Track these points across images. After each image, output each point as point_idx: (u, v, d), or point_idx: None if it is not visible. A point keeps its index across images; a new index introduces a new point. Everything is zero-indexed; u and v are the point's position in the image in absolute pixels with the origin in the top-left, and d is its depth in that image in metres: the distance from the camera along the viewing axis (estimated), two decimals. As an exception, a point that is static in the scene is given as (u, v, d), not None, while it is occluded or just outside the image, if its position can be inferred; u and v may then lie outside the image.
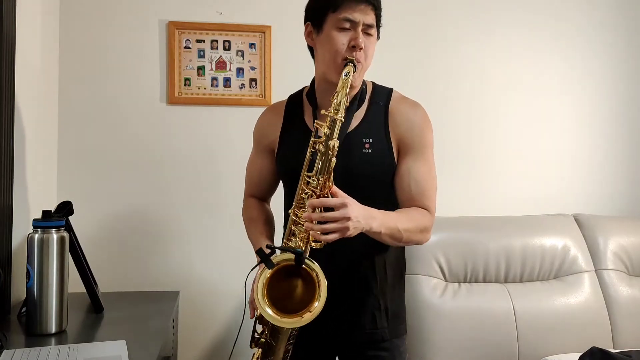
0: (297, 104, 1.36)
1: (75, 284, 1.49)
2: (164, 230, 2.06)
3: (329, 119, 1.14)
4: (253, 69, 2.10)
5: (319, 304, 1.07)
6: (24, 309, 1.39)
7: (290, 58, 2.11)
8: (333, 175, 1.14)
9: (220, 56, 2.08)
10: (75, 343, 1.22)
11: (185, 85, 2.06)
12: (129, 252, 2.03)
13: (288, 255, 1.10)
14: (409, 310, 1.43)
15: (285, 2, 2.12)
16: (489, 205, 2.27)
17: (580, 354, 1.69)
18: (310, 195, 1.14)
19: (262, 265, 1.10)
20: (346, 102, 1.15)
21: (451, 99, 2.27)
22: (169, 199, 2.06)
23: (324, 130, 1.13)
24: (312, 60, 1.34)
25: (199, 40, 2.07)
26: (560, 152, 2.38)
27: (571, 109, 2.39)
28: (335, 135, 1.13)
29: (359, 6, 1.19)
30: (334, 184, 1.14)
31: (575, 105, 2.39)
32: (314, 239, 1.10)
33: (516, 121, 2.34)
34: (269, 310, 1.08)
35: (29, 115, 1.67)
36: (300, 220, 1.13)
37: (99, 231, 2.00)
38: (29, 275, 1.28)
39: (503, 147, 2.32)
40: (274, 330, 1.19)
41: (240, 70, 2.09)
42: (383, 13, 1.27)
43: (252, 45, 2.10)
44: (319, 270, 1.09)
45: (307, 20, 1.29)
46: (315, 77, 1.33)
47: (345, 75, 1.16)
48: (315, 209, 1.09)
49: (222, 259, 2.08)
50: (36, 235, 1.28)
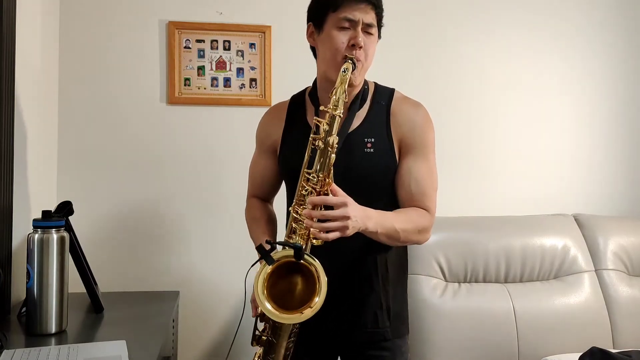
0: (300, 104, 1.37)
1: (75, 284, 1.49)
2: (164, 230, 2.06)
3: (328, 115, 1.14)
4: (253, 69, 2.10)
5: (319, 299, 1.07)
6: (24, 309, 1.39)
7: (290, 58, 2.11)
8: (333, 173, 1.14)
9: (220, 56, 2.08)
10: (75, 343, 1.22)
11: (185, 85, 2.06)
12: (129, 252, 2.03)
13: (288, 252, 1.10)
14: (409, 310, 1.43)
15: (285, 2, 2.12)
16: (489, 205, 2.27)
17: (580, 354, 1.69)
18: (310, 192, 1.14)
19: (263, 261, 1.10)
20: (345, 98, 1.15)
21: (451, 99, 2.27)
22: (169, 199, 2.06)
23: (323, 127, 1.13)
24: (312, 60, 1.34)
25: (199, 40, 2.07)
26: (560, 152, 2.38)
27: (571, 109, 2.39)
28: (334, 132, 1.13)
29: (358, 5, 1.20)
30: (336, 183, 1.14)
31: (575, 105, 2.39)
32: (314, 236, 1.10)
33: (516, 121, 2.34)
34: (269, 306, 1.08)
35: (29, 115, 1.67)
36: (301, 218, 1.14)
37: (99, 231, 2.00)
38: (29, 275, 1.28)
39: (503, 147, 2.32)
40: (275, 328, 1.19)
41: (240, 70, 2.09)
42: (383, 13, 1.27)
43: (252, 45, 2.10)
44: (319, 265, 1.09)
45: (309, 21, 1.30)
46: (317, 77, 1.34)
47: (344, 72, 1.16)
48: (315, 207, 1.09)
49: (222, 258, 2.08)
50: (36, 235, 1.28)
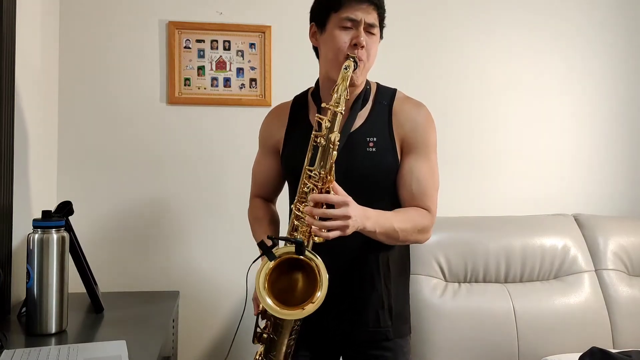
0: (302, 104, 1.37)
1: (75, 284, 1.49)
2: (164, 230, 2.06)
3: (329, 112, 1.15)
4: (253, 69, 2.10)
5: (321, 294, 1.07)
6: (24, 309, 1.39)
7: (290, 58, 2.11)
8: (335, 172, 1.14)
9: (220, 56, 2.08)
10: (75, 343, 1.22)
11: (185, 85, 2.06)
12: (129, 252, 2.03)
13: (290, 248, 1.10)
14: (409, 310, 1.43)
15: (285, 2, 2.12)
16: (489, 205, 2.27)
17: (580, 354, 1.69)
18: (312, 190, 1.14)
19: (264, 257, 1.10)
20: (347, 96, 1.16)
21: (451, 99, 2.27)
22: (168, 199, 2.06)
23: (325, 124, 1.14)
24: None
25: (199, 40, 2.07)
26: (561, 152, 2.38)
27: (571, 109, 2.39)
28: (336, 129, 1.14)
29: (361, 5, 1.20)
30: (338, 182, 1.14)
31: (576, 105, 2.39)
32: (315, 234, 1.10)
33: (516, 121, 2.34)
34: (270, 301, 1.08)
35: (29, 115, 1.67)
36: (302, 215, 1.14)
37: (99, 231, 2.00)
38: (29, 275, 1.28)
39: (503, 147, 2.32)
40: (276, 325, 1.19)
41: (240, 70, 2.09)
42: None
43: (252, 45, 2.10)
44: (320, 261, 1.09)
45: (312, 21, 1.31)
46: (319, 77, 1.34)
47: (345, 69, 1.16)
48: (317, 204, 1.10)
49: (222, 258, 2.08)
50: (36, 235, 1.28)
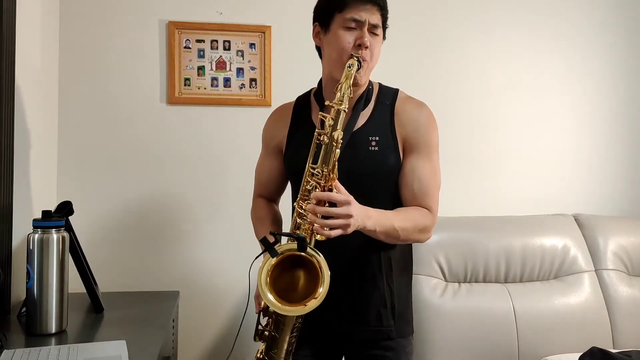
0: (305, 105, 1.38)
1: (75, 284, 1.49)
2: (164, 230, 2.06)
3: (333, 110, 1.15)
4: (253, 69, 2.10)
5: (323, 290, 1.08)
6: (24, 309, 1.39)
7: (290, 58, 2.11)
8: (338, 171, 1.14)
9: (220, 56, 2.08)
10: (75, 343, 1.22)
11: (185, 85, 2.06)
12: (129, 252, 2.03)
13: (292, 245, 1.10)
14: (409, 310, 1.43)
15: (285, 2, 2.12)
16: (489, 205, 2.27)
17: (580, 354, 1.69)
18: (315, 187, 1.15)
19: (266, 254, 1.10)
20: (350, 94, 1.17)
21: (451, 99, 2.27)
22: (168, 199, 2.06)
23: (328, 122, 1.14)
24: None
25: (199, 40, 2.07)
26: (561, 152, 2.38)
27: (571, 109, 2.39)
28: (339, 126, 1.14)
29: (365, 6, 1.21)
30: (341, 181, 1.14)
31: (576, 105, 2.39)
32: (317, 232, 1.10)
33: (516, 121, 2.34)
34: (271, 297, 1.08)
35: (29, 115, 1.67)
36: (305, 213, 1.14)
37: (99, 231, 2.00)
38: (29, 275, 1.28)
39: (503, 147, 2.32)
40: (278, 322, 1.20)
41: (240, 70, 2.09)
42: None
43: (252, 45, 2.10)
44: (322, 258, 1.10)
45: (315, 21, 1.31)
46: (322, 77, 1.35)
47: (349, 67, 1.17)
48: (319, 202, 1.10)
49: (222, 258, 2.08)
50: (36, 235, 1.28)
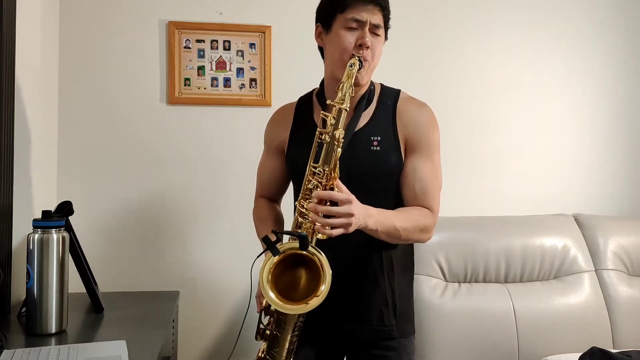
0: (307, 105, 1.38)
1: (75, 284, 1.49)
2: (164, 230, 2.06)
3: (334, 109, 1.15)
4: (253, 69, 2.10)
5: (325, 287, 1.08)
6: (24, 309, 1.39)
7: (290, 58, 2.11)
8: (339, 170, 1.15)
9: (220, 56, 2.08)
10: (75, 343, 1.22)
11: (185, 85, 2.06)
12: (129, 252, 2.03)
13: (294, 244, 1.11)
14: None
15: (285, 2, 2.12)
16: (489, 205, 2.27)
17: (580, 354, 1.69)
18: (316, 186, 1.15)
19: (268, 252, 1.11)
20: (351, 93, 1.17)
21: (451, 99, 2.26)
22: (168, 199, 2.06)
23: (330, 121, 1.15)
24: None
25: (199, 40, 2.07)
26: (561, 152, 2.38)
27: (571, 109, 2.39)
28: (340, 125, 1.14)
29: (366, 7, 1.21)
30: (343, 181, 1.15)
31: (576, 105, 2.39)
32: (318, 231, 1.10)
33: (516, 121, 2.34)
34: (273, 295, 1.08)
35: (29, 115, 1.67)
36: (306, 212, 1.14)
37: (99, 231, 2.00)
38: (29, 275, 1.28)
39: (503, 147, 2.32)
40: (279, 321, 1.20)
41: (240, 70, 2.09)
42: None
43: (252, 45, 2.10)
44: (323, 257, 1.10)
45: (317, 22, 1.32)
46: (324, 77, 1.35)
47: (350, 66, 1.18)
48: (321, 201, 1.10)
49: (222, 258, 2.08)
50: (36, 235, 1.28)
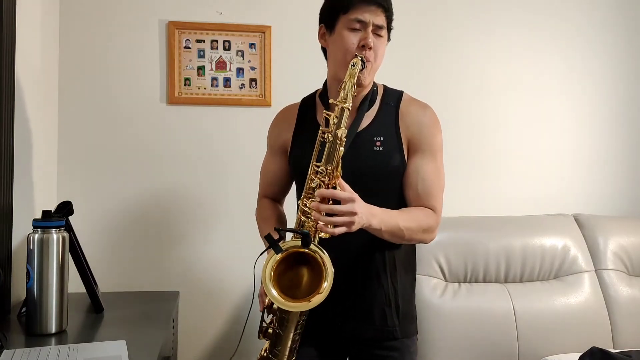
0: (310, 106, 1.39)
1: (75, 284, 1.49)
2: (164, 230, 2.06)
3: (337, 108, 1.16)
4: (253, 69, 2.10)
5: (327, 284, 1.08)
6: (24, 309, 1.39)
7: (290, 58, 2.11)
8: (343, 171, 1.15)
9: (220, 56, 2.08)
10: (75, 343, 1.22)
11: (185, 85, 2.06)
12: (129, 252, 2.03)
13: (296, 242, 1.11)
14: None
15: (285, 2, 2.12)
16: (489, 205, 2.27)
17: (580, 354, 1.69)
18: (319, 185, 1.15)
19: (271, 250, 1.11)
20: (354, 92, 1.17)
21: (451, 99, 2.26)
22: (168, 199, 2.06)
23: (332, 120, 1.15)
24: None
25: (199, 40, 2.07)
26: (561, 152, 2.38)
27: (571, 109, 2.39)
28: (343, 124, 1.15)
29: (369, 7, 1.22)
30: (346, 181, 1.15)
31: (576, 105, 2.39)
32: (321, 230, 1.10)
33: (516, 121, 2.34)
34: (275, 293, 1.09)
35: (29, 115, 1.67)
36: (309, 211, 1.15)
37: (99, 231, 2.00)
38: (29, 275, 1.28)
39: (503, 147, 2.32)
40: (282, 319, 1.20)
41: (240, 70, 2.09)
42: None
43: (252, 45, 2.10)
44: (325, 255, 1.10)
45: (321, 22, 1.32)
46: (327, 78, 1.36)
47: (353, 66, 1.18)
48: (323, 200, 1.10)
49: (222, 258, 2.08)
50: (36, 235, 1.28)
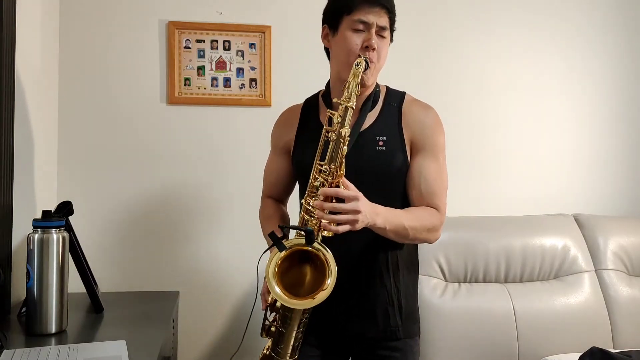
0: (313, 106, 1.39)
1: (75, 284, 1.49)
2: (164, 230, 2.06)
3: (341, 107, 1.16)
4: (253, 69, 2.10)
5: (331, 281, 1.08)
6: (24, 309, 1.39)
7: (290, 58, 2.11)
8: (345, 167, 1.15)
9: (220, 56, 2.08)
10: (75, 343, 1.22)
11: (185, 85, 2.06)
12: (129, 252, 2.03)
13: (300, 240, 1.11)
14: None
15: (285, 2, 2.12)
16: (489, 205, 2.27)
17: (580, 354, 1.69)
18: (322, 184, 1.16)
19: (274, 248, 1.11)
20: (357, 92, 1.18)
21: (451, 99, 2.26)
22: (168, 199, 2.06)
23: (336, 119, 1.15)
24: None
25: (199, 40, 2.07)
26: (561, 152, 2.38)
27: (571, 109, 2.39)
28: (346, 123, 1.15)
29: (373, 9, 1.22)
30: (349, 180, 1.15)
31: (575, 105, 2.39)
32: (324, 228, 1.11)
33: (516, 121, 2.34)
34: (279, 290, 1.09)
35: (29, 115, 1.67)
36: (312, 209, 1.15)
37: (99, 231, 2.00)
38: (29, 275, 1.28)
39: (503, 147, 2.32)
40: (285, 317, 1.20)
41: (240, 70, 2.09)
42: None
43: (252, 45, 2.10)
44: (329, 253, 1.11)
45: (324, 23, 1.33)
46: (330, 79, 1.36)
47: (357, 65, 1.19)
48: (327, 198, 1.11)
49: (222, 258, 2.08)
50: (36, 235, 1.28)
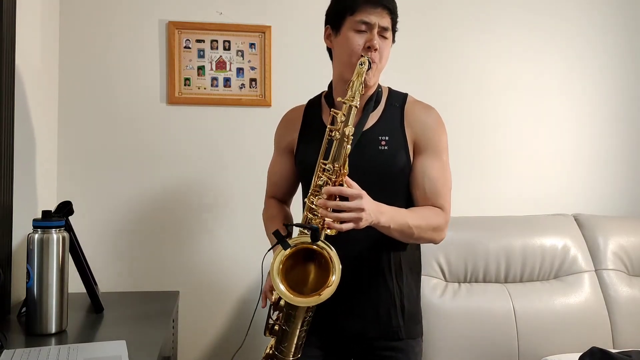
0: (316, 107, 1.40)
1: (75, 284, 1.49)
2: (164, 230, 2.06)
3: (345, 106, 1.17)
4: (253, 69, 2.10)
5: (335, 278, 1.09)
6: (24, 309, 1.39)
7: (290, 58, 2.11)
8: (348, 166, 1.16)
9: (220, 56, 2.08)
10: (75, 343, 1.22)
11: (185, 85, 2.06)
12: (129, 252, 2.03)
13: (304, 238, 1.12)
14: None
15: (285, 2, 2.12)
16: (489, 205, 2.27)
17: (580, 354, 1.69)
18: (326, 183, 1.16)
19: (278, 247, 1.12)
20: (361, 91, 1.18)
21: (451, 99, 2.26)
22: (168, 199, 2.06)
23: (340, 118, 1.16)
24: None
25: (199, 40, 2.07)
26: (561, 152, 2.38)
27: (571, 109, 2.39)
28: (350, 122, 1.16)
29: (375, 10, 1.23)
30: (351, 179, 1.15)
31: (575, 106, 2.39)
32: (328, 226, 1.11)
33: (516, 121, 2.34)
34: (283, 287, 1.09)
35: (29, 115, 1.67)
36: (316, 208, 1.15)
37: (99, 231, 2.00)
38: (29, 275, 1.28)
39: (503, 147, 2.32)
40: (288, 315, 1.20)
41: (240, 70, 2.09)
42: None
43: (252, 45, 2.10)
44: (333, 251, 1.11)
45: (327, 24, 1.33)
46: (332, 79, 1.36)
47: (360, 65, 1.19)
48: (330, 197, 1.11)
49: (222, 258, 2.08)
50: (36, 235, 1.28)
